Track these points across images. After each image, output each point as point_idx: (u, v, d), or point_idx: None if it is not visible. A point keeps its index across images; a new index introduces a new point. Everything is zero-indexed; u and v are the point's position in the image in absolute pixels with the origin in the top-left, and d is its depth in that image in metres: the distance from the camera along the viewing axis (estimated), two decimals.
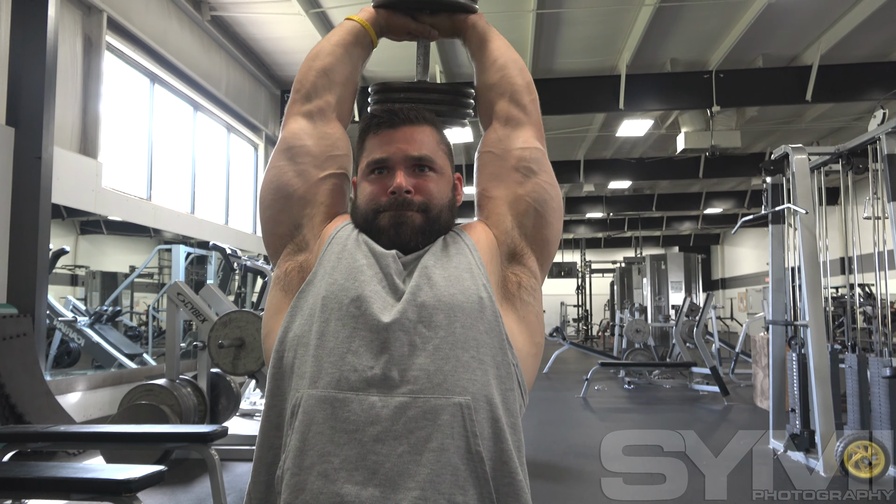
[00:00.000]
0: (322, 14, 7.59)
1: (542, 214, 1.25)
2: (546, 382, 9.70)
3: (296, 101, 1.32)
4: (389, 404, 1.00)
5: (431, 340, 1.05)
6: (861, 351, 4.78)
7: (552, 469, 4.82)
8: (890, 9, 7.43)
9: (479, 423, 1.01)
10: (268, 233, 1.28)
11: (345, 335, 1.06)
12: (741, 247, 24.53)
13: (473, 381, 1.03)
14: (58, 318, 7.68)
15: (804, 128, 11.89)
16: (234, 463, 4.72)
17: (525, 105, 1.33)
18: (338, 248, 1.17)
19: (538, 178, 1.27)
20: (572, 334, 20.29)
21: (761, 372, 7.45)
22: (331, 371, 1.03)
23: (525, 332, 1.17)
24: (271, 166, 1.28)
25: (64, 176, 5.45)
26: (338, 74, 1.33)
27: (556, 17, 7.77)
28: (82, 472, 2.47)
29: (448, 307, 1.08)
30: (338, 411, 1.00)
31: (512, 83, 1.33)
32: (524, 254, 1.23)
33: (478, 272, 1.14)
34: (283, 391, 1.09)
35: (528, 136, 1.30)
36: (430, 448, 0.98)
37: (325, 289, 1.11)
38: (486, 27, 1.39)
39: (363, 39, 1.36)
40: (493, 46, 1.37)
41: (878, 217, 4.76)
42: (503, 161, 1.28)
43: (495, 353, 1.09)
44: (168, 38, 7.13)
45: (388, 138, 1.21)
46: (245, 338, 4.81)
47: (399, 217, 1.17)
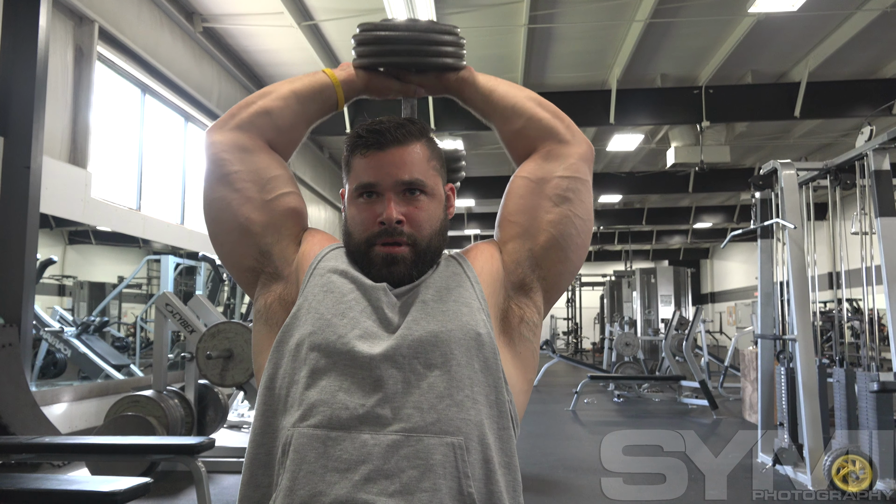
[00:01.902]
0: (314, 27, 7.61)
1: (563, 248, 1.19)
2: (535, 395, 9.68)
3: (223, 125, 1.22)
4: (382, 442, 0.97)
5: (426, 378, 1.02)
6: (849, 365, 4.80)
7: (541, 482, 4.80)
8: (877, 27, 7.53)
9: (471, 464, 0.99)
10: (234, 268, 1.22)
11: (336, 372, 1.03)
12: (730, 261, 24.65)
13: (467, 420, 1.01)
14: (44, 328, 7.62)
15: (793, 143, 11.99)
16: (221, 475, 4.67)
17: (563, 135, 1.25)
18: (323, 281, 1.13)
19: (571, 208, 1.20)
20: (562, 347, 20.28)
21: (750, 386, 7.47)
22: (322, 409, 1.00)
23: (520, 367, 1.14)
24: (212, 198, 1.20)
25: (53, 185, 5.42)
26: (281, 120, 1.23)
27: (547, 32, 7.82)
28: (67, 484, 2.44)
29: (444, 343, 1.05)
30: (329, 449, 0.98)
31: (540, 122, 1.25)
32: (533, 288, 1.19)
33: (477, 306, 1.11)
34: (273, 428, 1.05)
35: (573, 161, 1.23)
36: (422, 488, 0.95)
37: (312, 324, 1.07)
38: (483, 79, 1.30)
39: (327, 99, 1.26)
40: (498, 95, 1.27)
41: (866, 232, 4.80)
42: (538, 188, 1.21)
43: (489, 391, 1.06)
44: (159, 49, 7.13)
45: (377, 161, 1.14)
46: (233, 349, 4.79)
47: (391, 258, 1.12)
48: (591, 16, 7.53)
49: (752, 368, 7.19)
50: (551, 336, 15.82)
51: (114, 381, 7.00)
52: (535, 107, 1.26)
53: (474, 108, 1.32)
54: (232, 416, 5.98)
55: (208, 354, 4.68)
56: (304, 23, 7.39)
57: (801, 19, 7.43)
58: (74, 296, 10.71)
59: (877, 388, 4.19)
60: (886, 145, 4.46)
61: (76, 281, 10.85)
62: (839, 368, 4.76)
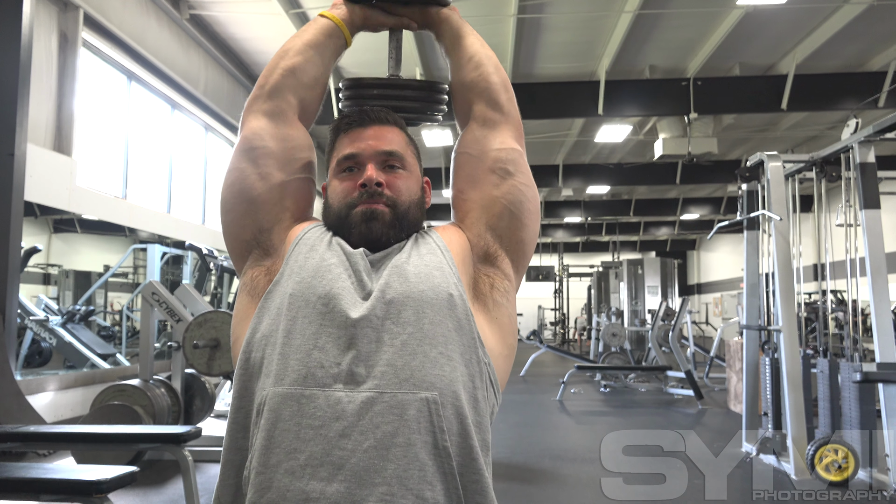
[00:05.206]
0: (302, 14, 7.55)
1: (517, 216, 1.24)
2: (522, 385, 9.73)
3: (258, 97, 1.28)
4: (355, 399, 0.99)
5: (399, 336, 1.04)
6: (832, 356, 4.85)
7: (528, 471, 4.83)
8: (864, 21, 7.57)
9: (447, 419, 1.00)
10: (231, 237, 1.25)
11: (311, 332, 1.04)
12: (717, 252, 24.80)
13: (441, 376, 1.02)
14: (29, 317, 7.56)
15: (779, 136, 12.05)
16: (207, 464, 4.67)
17: (502, 105, 1.31)
18: (305, 249, 1.16)
19: (514, 179, 1.25)
20: (549, 338, 20.37)
21: (735, 376, 7.53)
22: (297, 368, 1.02)
23: (497, 332, 1.16)
24: (233, 168, 1.24)
25: (37, 173, 5.37)
26: (306, 75, 1.29)
27: (536, 22, 7.81)
28: (52, 473, 2.43)
29: (417, 303, 1.07)
30: (304, 407, 0.99)
31: (488, 81, 1.31)
32: (498, 255, 1.22)
33: (448, 271, 1.13)
34: (250, 391, 1.07)
35: (505, 137, 1.29)
36: (396, 443, 0.96)
37: (293, 287, 1.10)
38: (460, 23, 1.36)
39: (336, 39, 1.33)
40: (468, 43, 1.34)
41: (851, 224, 4.84)
42: (480, 162, 1.27)
43: (465, 350, 1.07)
44: (146, 35, 7.06)
45: (359, 135, 1.21)
46: (220, 338, 4.77)
47: (370, 213, 1.16)
48: (581, 6, 7.52)
49: (738, 359, 7.25)
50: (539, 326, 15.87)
51: (100, 371, 6.96)
52: (491, 68, 1.33)
53: (443, 44, 1.38)
54: (219, 406, 5.96)
55: (195, 344, 4.66)
56: (292, 10, 7.34)
57: (788, 12, 7.46)
58: (60, 284, 10.62)
59: (860, 379, 4.23)
60: (872, 138, 4.49)
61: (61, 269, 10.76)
62: (823, 359, 4.81)
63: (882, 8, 7.21)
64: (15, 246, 4.93)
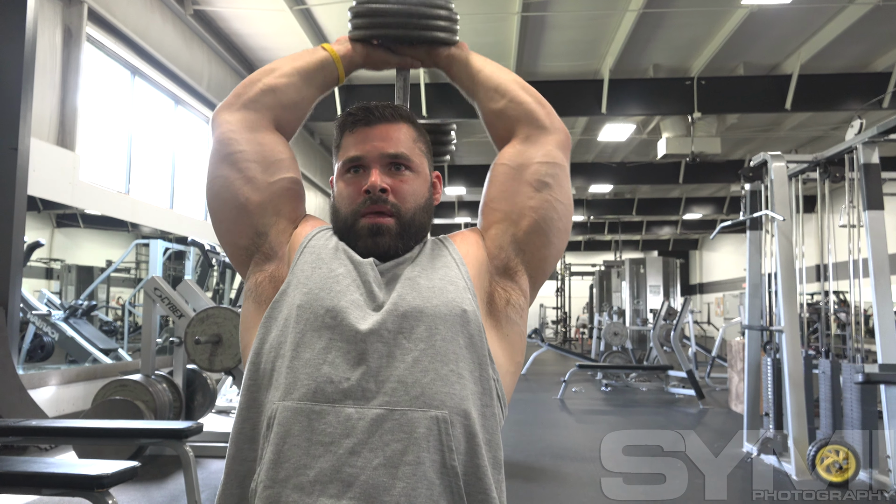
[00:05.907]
0: (306, 11, 7.55)
1: (544, 232, 1.20)
2: (524, 384, 9.72)
3: (231, 104, 1.23)
4: (366, 416, 0.98)
5: (411, 352, 1.02)
6: (834, 357, 4.84)
7: (528, 469, 4.83)
8: (868, 21, 7.55)
9: (455, 438, 0.99)
10: (229, 245, 1.22)
11: (321, 346, 1.03)
12: (719, 252, 24.77)
13: (451, 394, 1.01)
14: (32, 311, 7.57)
15: (783, 136, 12.03)
16: (208, 460, 4.68)
17: (542, 121, 1.26)
18: (312, 257, 1.14)
19: (550, 193, 1.21)
20: (551, 336, 20.36)
21: (736, 376, 7.53)
22: (307, 382, 1.01)
23: (507, 349, 1.15)
24: (215, 176, 1.21)
25: (40, 168, 5.37)
26: (286, 97, 1.25)
27: (540, 20, 7.80)
28: (54, 467, 2.43)
29: (430, 318, 1.05)
30: (314, 423, 0.98)
31: (521, 105, 1.26)
32: (517, 271, 1.19)
33: (463, 285, 1.11)
34: (258, 403, 1.06)
35: (549, 148, 1.24)
36: (405, 461, 0.96)
37: (301, 298, 1.08)
38: (470, 58, 1.32)
39: (328, 73, 1.29)
40: (485, 76, 1.30)
41: (854, 225, 4.83)
42: (518, 174, 1.22)
43: (475, 367, 1.06)
44: (150, 30, 7.06)
45: (364, 136, 1.17)
46: (222, 334, 4.78)
47: (376, 228, 1.13)
48: (585, 5, 7.51)
49: (739, 359, 7.24)
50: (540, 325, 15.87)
51: (102, 365, 6.97)
52: (519, 90, 1.28)
53: (461, 85, 1.34)
54: (220, 401, 5.98)
55: (197, 339, 4.67)
56: (296, 7, 7.34)
57: (793, 11, 7.44)
58: (62, 279, 10.63)
59: (861, 380, 4.23)
60: (876, 139, 4.48)
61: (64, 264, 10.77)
62: (825, 360, 4.80)
63: (887, 8, 7.19)
64: (18, 240, 4.93)
